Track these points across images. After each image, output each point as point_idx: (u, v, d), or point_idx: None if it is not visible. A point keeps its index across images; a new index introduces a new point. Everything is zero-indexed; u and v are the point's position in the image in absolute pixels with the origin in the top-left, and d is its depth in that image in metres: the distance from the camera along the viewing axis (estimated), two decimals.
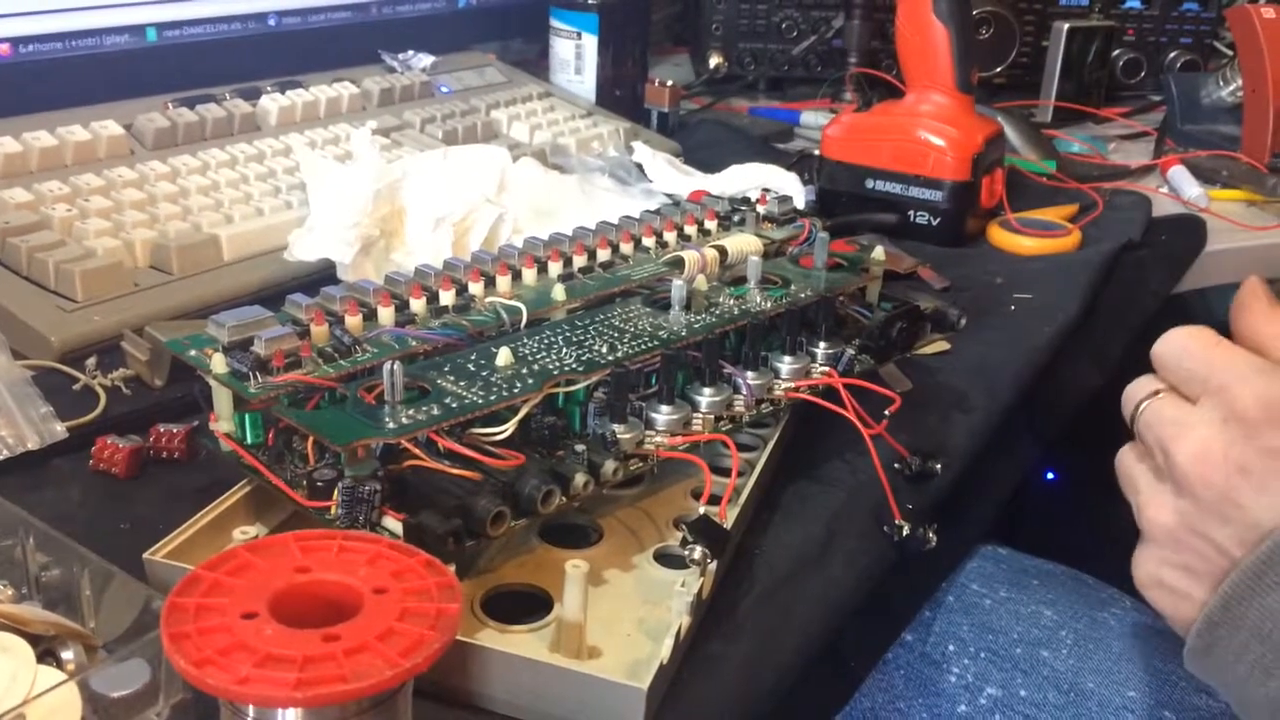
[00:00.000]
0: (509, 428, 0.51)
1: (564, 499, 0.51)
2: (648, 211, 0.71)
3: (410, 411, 0.49)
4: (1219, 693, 0.49)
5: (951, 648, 0.64)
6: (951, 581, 0.67)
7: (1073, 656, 0.62)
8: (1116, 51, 1.38)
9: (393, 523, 0.48)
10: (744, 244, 0.68)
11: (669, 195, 0.95)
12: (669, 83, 1.19)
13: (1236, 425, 0.47)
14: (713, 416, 0.57)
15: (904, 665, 0.64)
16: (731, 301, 0.62)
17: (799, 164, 1.05)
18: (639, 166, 1.00)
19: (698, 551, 0.49)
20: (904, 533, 0.58)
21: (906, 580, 0.63)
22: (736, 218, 0.73)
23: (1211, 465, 0.47)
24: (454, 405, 0.50)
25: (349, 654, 0.35)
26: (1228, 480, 0.47)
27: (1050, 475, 1.31)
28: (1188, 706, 0.62)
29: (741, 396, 0.58)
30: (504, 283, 0.61)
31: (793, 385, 0.60)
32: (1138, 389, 0.52)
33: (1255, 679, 0.46)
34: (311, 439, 0.51)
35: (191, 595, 0.37)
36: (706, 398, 0.57)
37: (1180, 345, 0.51)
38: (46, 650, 0.45)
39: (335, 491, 0.48)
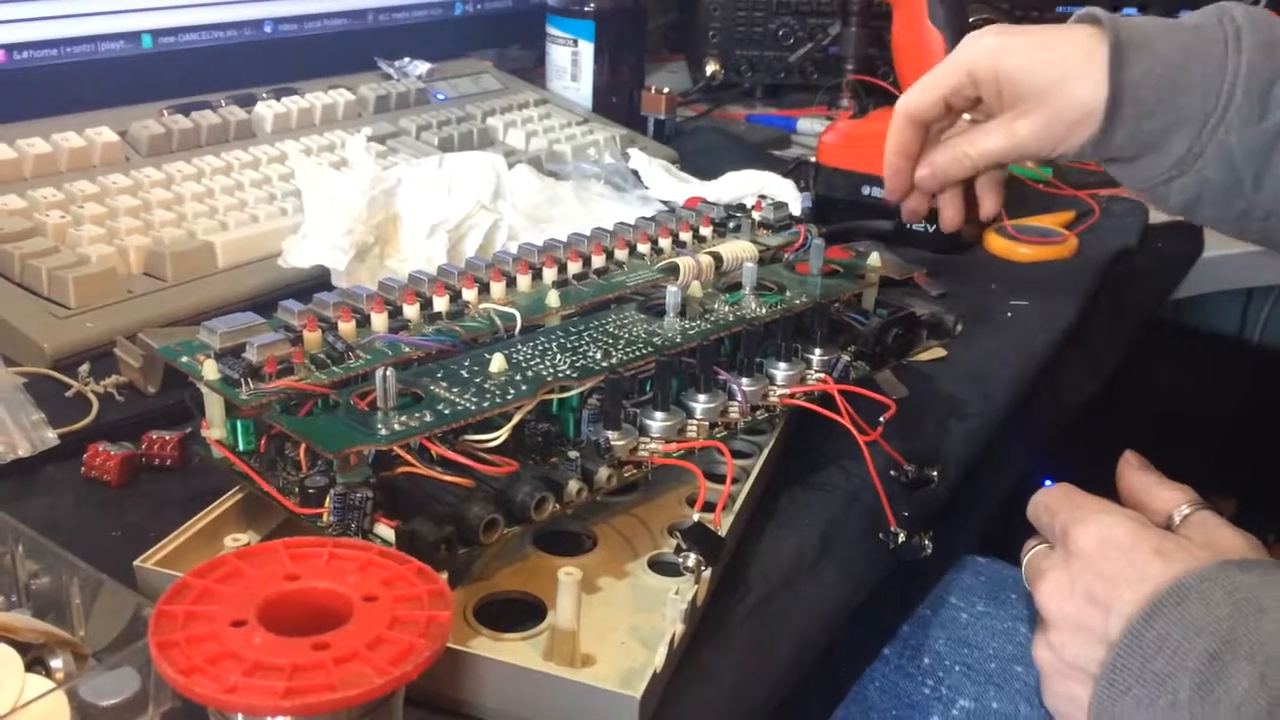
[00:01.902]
0: (502, 434, 0.51)
1: (558, 506, 0.51)
2: (643, 218, 0.71)
3: (403, 418, 0.49)
4: None
5: (927, 661, 0.64)
6: (930, 595, 0.67)
7: None
8: None
9: (385, 530, 0.47)
10: (739, 250, 0.68)
11: (665, 202, 0.94)
12: (665, 90, 1.19)
13: (1078, 560, 0.52)
14: (708, 423, 0.57)
15: (879, 678, 0.65)
16: (727, 308, 0.62)
17: (795, 171, 1.05)
18: (635, 173, 1.00)
19: (692, 559, 0.49)
20: (899, 540, 0.58)
21: (901, 587, 0.63)
22: (732, 224, 0.73)
23: (1063, 597, 0.52)
24: (447, 412, 0.50)
25: (338, 662, 0.35)
26: (1079, 608, 0.52)
27: (1047, 482, 1.30)
28: None
29: (736, 403, 0.58)
30: (498, 289, 0.61)
31: (788, 392, 0.60)
32: (1025, 547, 0.58)
33: None
34: (304, 446, 0.51)
35: (180, 603, 0.37)
36: (701, 404, 0.57)
37: (1039, 501, 0.57)
38: (36, 659, 0.44)
39: (327, 499, 0.48)
